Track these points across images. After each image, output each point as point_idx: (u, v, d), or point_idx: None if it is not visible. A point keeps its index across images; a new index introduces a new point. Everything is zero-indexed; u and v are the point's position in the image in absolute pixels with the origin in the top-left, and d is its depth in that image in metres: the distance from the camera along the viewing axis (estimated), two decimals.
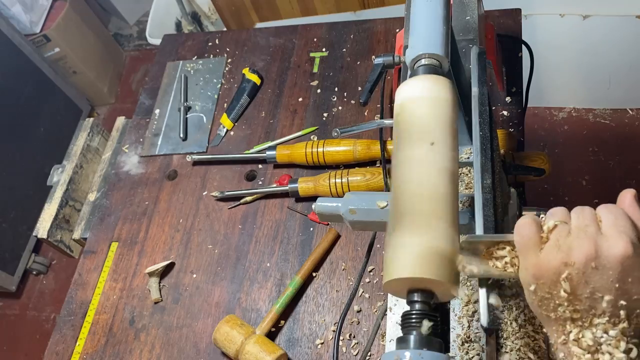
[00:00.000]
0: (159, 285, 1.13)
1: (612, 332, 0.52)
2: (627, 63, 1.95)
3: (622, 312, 0.52)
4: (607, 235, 0.51)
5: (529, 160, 1.03)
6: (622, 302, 0.51)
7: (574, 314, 0.53)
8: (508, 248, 0.57)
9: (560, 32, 1.90)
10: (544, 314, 0.55)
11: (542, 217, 0.56)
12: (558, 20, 1.86)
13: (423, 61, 0.69)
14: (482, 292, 0.57)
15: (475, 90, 0.72)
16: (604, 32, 1.86)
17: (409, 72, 0.75)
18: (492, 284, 0.59)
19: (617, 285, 0.51)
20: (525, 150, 1.10)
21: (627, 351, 0.52)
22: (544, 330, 0.58)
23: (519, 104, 1.16)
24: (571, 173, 2.03)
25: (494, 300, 0.58)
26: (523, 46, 1.22)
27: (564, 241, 0.53)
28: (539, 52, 1.22)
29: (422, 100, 0.64)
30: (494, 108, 1.16)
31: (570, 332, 0.54)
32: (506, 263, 0.57)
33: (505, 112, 1.15)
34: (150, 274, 1.12)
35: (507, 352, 0.77)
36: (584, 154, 2.07)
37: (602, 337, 0.52)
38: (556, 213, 0.56)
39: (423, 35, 0.70)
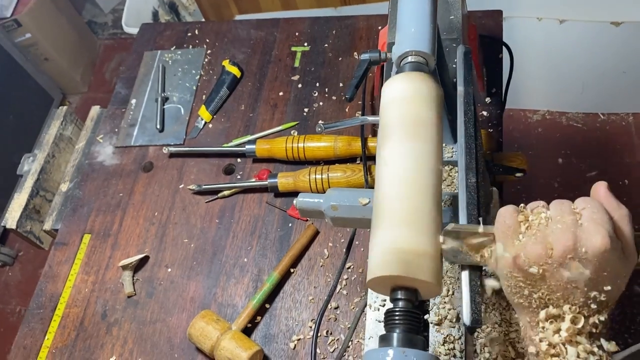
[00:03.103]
0: (133, 279, 1.10)
1: (580, 324, 0.53)
2: (600, 68, 1.99)
3: (592, 304, 0.53)
4: (586, 228, 0.52)
5: (508, 160, 1.04)
6: (595, 294, 0.53)
7: (546, 303, 0.54)
8: (487, 239, 0.58)
9: (537, 36, 1.92)
10: (517, 302, 0.56)
11: (522, 207, 0.57)
12: (536, 23, 1.88)
13: (409, 58, 0.69)
14: (465, 290, 0.57)
15: (461, 89, 0.72)
16: (580, 37, 1.89)
17: (394, 69, 0.74)
18: (475, 269, 0.59)
19: (591, 277, 0.52)
20: (503, 151, 1.11)
21: (593, 342, 0.54)
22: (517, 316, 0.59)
23: (498, 104, 1.17)
24: (544, 175, 2.07)
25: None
26: (503, 47, 1.23)
27: (543, 232, 0.53)
28: (516, 54, 1.23)
29: (408, 98, 0.64)
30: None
31: (540, 320, 0.55)
32: (482, 255, 0.58)
33: (484, 113, 1.15)
34: (124, 267, 1.10)
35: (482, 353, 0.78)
36: (557, 156, 2.11)
37: (570, 327, 0.53)
38: (535, 205, 0.57)
39: (410, 33, 0.70)
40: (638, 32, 1.81)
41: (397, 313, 0.55)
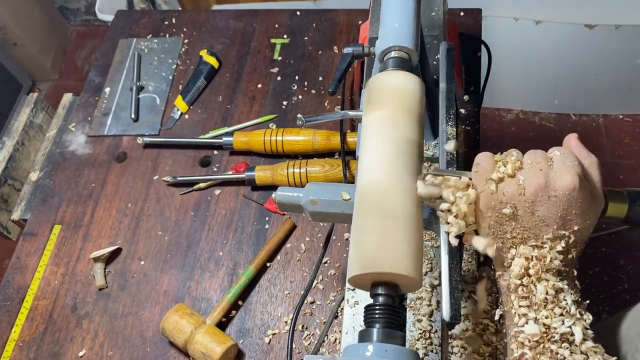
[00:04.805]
0: (105, 271, 1.08)
1: (548, 258, 0.56)
2: (573, 70, 2.02)
3: (562, 242, 0.56)
4: (557, 169, 0.56)
5: None
6: (563, 232, 0.56)
7: (519, 242, 0.57)
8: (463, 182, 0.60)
9: (513, 36, 1.95)
10: (491, 245, 0.59)
11: (498, 154, 0.61)
12: (512, 23, 1.90)
13: (393, 54, 0.69)
14: (445, 287, 0.58)
15: (443, 86, 0.72)
16: (554, 38, 1.92)
17: (377, 64, 0.74)
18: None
19: (560, 215, 0.56)
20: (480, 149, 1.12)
21: (562, 280, 0.57)
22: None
23: (475, 102, 1.18)
24: None
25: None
26: (482, 46, 1.24)
27: (517, 173, 0.57)
28: (492, 53, 1.25)
29: (391, 95, 0.64)
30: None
31: (511, 258, 0.58)
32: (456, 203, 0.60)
33: (462, 110, 1.16)
34: (95, 259, 1.07)
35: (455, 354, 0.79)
36: None
37: (537, 263, 0.56)
38: (511, 152, 0.61)
39: (394, 28, 0.70)
40: (610, 35, 1.85)
41: (377, 308, 0.55)
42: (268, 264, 1.05)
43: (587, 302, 0.58)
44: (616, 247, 1.88)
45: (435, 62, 0.93)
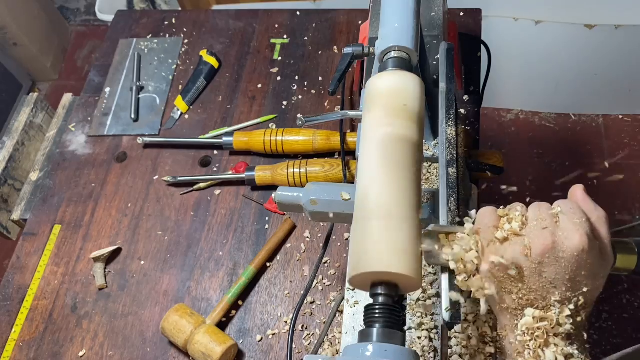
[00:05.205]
0: (105, 271, 1.08)
1: (554, 322, 0.53)
2: (573, 70, 2.02)
3: (570, 305, 0.54)
4: (564, 228, 0.53)
5: (485, 158, 1.05)
6: (572, 294, 0.53)
7: (526, 304, 0.55)
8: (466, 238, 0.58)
9: (513, 36, 1.95)
10: (496, 303, 0.57)
11: (501, 208, 0.57)
12: (512, 23, 1.90)
13: (393, 54, 0.69)
14: (445, 285, 0.58)
15: (443, 86, 0.72)
16: (554, 38, 1.92)
17: (377, 64, 0.74)
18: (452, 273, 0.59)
19: (569, 278, 0.53)
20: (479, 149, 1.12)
21: (571, 345, 0.54)
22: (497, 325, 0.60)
23: (475, 102, 1.18)
24: (516, 173, 2.10)
25: (454, 296, 0.59)
26: (482, 46, 1.24)
27: (523, 232, 0.54)
28: (492, 53, 1.25)
29: (392, 95, 0.64)
30: None
31: (518, 322, 0.55)
32: (463, 261, 0.57)
33: (462, 110, 1.16)
34: (96, 259, 1.07)
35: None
36: (529, 155, 2.14)
37: (543, 327, 0.53)
38: (515, 207, 0.58)
39: (394, 28, 0.70)
40: (610, 35, 1.85)
41: (377, 308, 0.55)
42: (268, 264, 1.05)
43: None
44: None
45: (435, 62, 0.93)
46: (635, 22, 1.81)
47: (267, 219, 1.10)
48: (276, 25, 1.38)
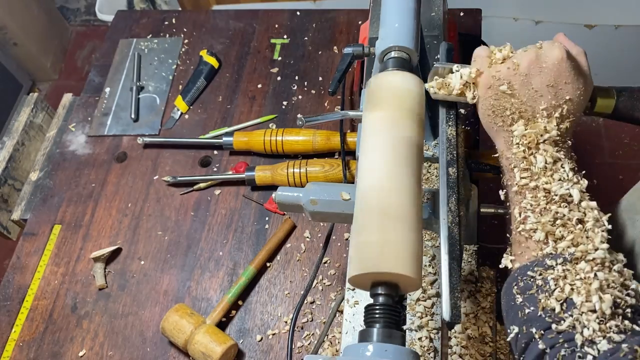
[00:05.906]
0: (105, 271, 1.08)
1: (548, 133, 0.61)
2: None
3: (556, 113, 0.62)
4: (546, 47, 0.64)
5: (485, 158, 1.05)
6: (556, 102, 0.62)
7: (519, 117, 0.63)
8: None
9: (513, 36, 1.95)
10: (493, 125, 0.66)
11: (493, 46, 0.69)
12: (512, 23, 1.91)
13: (393, 54, 0.69)
14: (445, 287, 0.58)
15: None
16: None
17: (377, 64, 0.74)
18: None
19: (552, 85, 0.62)
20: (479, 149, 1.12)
21: (559, 151, 0.62)
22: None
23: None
24: None
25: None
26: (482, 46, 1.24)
27: (512, 56, 0.65)
28: None
29: (391, 95, 0.64)
30: None
31: (514, 133, 0.63)
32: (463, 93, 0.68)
33: (462, 110, 1.16)
34: (96, 259, 1.07)
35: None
36: None
37: (531, 133, 0.61)
38: (505, 44, 0.68)
39: (394, 28, 0.70)
40: (610, 35, 1.85)
41: (377, 308, 0.55)
42: (268, 264, 1.05)
43: (584, 171, 0.62)
44: None
45: (435, 63, 0.93)
46: (635, 22, 1.81)
47: (267, 219, 1.10)
48: (276, 25, 1.38)
